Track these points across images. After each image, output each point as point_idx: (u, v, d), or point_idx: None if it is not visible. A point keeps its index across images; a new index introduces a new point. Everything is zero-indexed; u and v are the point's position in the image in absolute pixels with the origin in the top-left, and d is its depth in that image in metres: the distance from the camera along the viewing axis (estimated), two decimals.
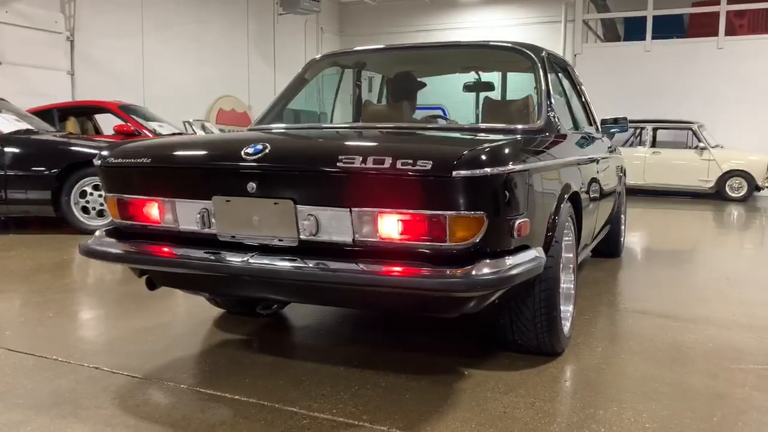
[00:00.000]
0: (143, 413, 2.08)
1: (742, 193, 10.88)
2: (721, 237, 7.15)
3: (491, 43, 3.44)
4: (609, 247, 4.80)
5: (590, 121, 4.14)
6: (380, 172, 1.97)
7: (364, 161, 2.00)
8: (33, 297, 3.62)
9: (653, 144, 11.58)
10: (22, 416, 2.04)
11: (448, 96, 4.70)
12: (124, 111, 7.92)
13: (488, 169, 1.97)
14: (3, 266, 4.46)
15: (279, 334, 3.00)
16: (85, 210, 5.84)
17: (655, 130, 11.57)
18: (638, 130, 11.68)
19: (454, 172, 1.92)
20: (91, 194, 5.80)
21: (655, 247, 5.99)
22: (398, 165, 1.95)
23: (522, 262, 2.11)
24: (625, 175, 5.04)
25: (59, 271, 4.39)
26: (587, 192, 3.20)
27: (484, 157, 1.99)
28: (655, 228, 7.67)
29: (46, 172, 5.75)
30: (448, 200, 1.96)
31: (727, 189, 10.96)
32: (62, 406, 2.11)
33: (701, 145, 11.03)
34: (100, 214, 5.82)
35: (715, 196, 11.08)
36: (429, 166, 1.93)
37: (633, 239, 6.15)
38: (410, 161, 1.95)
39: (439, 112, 9.16)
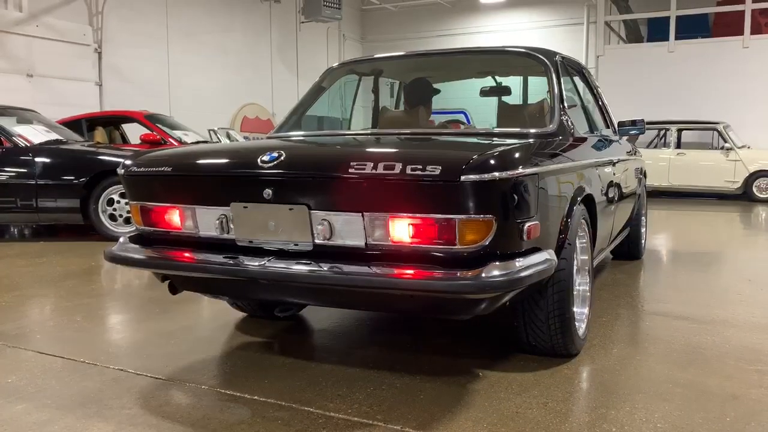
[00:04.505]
0: (165, 413, 2.15)
1: None
2: (745, 239, 7.06)
3: (505, 49, 3.48)
4: (630, 249, 4.79)
5: (607, 123, 4.14)
6: (390, 177, 2.02)
7: (374, 167, 2.05)
8: (62, 302, 3.74)
9: (678, 145, 11.45)
10: (50, 416, 2.13)
11: (471, 101, 4.72)
12: (150, 120, 8.08)
13: (496, 173, 2.00)
14: (34, 272, 4.61)
15: (298, 337, 3.07)
16: (112, 217, 5.98)
17: (679, 131, 11.45)
18: (662, 132, 11.57)
19: (462, 177, 1.96)
20: (118, 202, 5.94)
21: (677, 249, 5.94)
22: (408, 170, 2.00)
23: (533, 264, 2.14)
24: (645, 177, 5.02)
25: (87, 276, 4.52)
26: (603, 194, 3.21)
27: (492, 162, 2.03)
28: (679, 230, 7.59)
29: (74, 181, 5.91)
30: (457, 204, 2.00)
31: (754, 190, 10.80)
32: (88, 406, 2.20)
33: (727, 145, 10.88)
34: (127, 221, 5.96)
35: (742, 197, 10.92)
36: (438, 171, 1.97)
37: (656, 241, 6.11)
38: (420, 166, 2.00)
39: (461, 117, 9.18)
